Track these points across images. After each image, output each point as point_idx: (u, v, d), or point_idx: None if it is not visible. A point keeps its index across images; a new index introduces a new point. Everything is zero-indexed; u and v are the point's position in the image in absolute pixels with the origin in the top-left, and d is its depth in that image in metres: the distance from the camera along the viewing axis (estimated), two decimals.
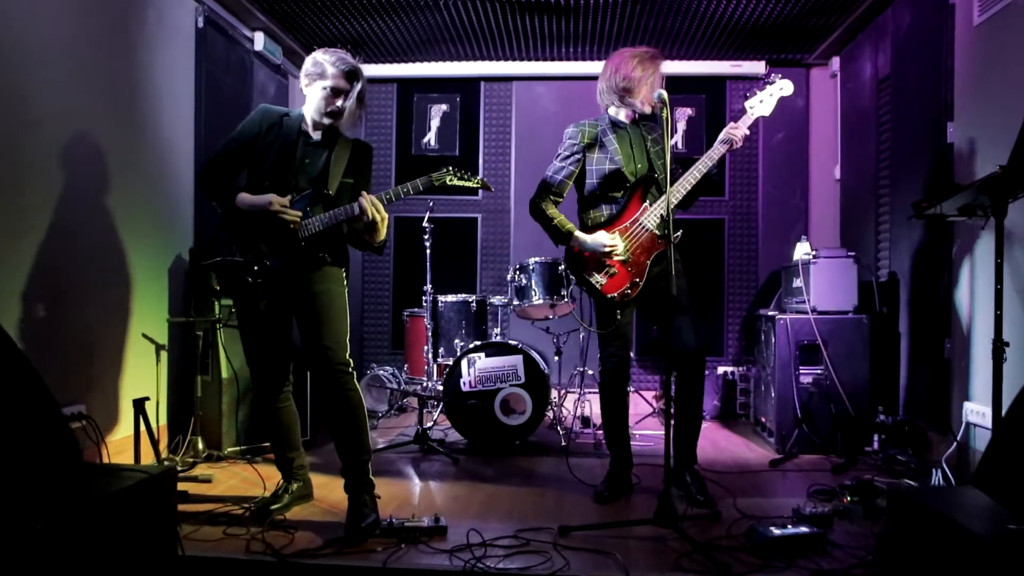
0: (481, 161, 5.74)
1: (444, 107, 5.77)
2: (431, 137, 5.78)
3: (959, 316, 3.49)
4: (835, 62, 5.21)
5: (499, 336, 4.32)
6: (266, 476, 3.24)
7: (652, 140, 3.20)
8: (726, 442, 4.33)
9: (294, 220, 2.69)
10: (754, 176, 5.59)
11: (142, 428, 3.19)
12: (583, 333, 4.70)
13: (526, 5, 4.56)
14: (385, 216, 2.71)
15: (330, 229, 2.74)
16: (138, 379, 3.60)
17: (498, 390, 3.99)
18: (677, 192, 2.98)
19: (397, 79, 5.74)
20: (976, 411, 3.26)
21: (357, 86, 2.75)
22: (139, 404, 3.19)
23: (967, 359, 3.40)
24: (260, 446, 3.77)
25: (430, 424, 4.19)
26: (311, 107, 2.79)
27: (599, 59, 5.49)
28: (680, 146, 5.56)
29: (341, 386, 2.73)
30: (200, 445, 3.72)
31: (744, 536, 2.60)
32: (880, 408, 3.93)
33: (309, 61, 2.76)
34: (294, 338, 2.93)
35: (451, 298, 4.58)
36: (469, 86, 5.75)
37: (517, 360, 4.01)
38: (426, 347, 4.57)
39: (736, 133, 3.05)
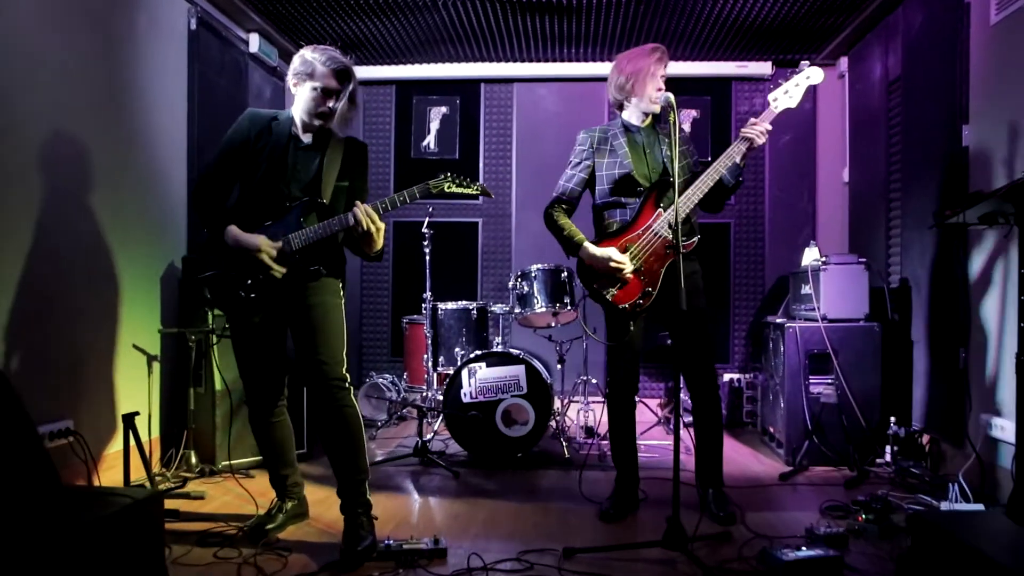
0: (481, 164, 5.63)
1: (444, 109, 5.67)
2: (430, 140, 5.67)
3: (976, 325, 3.38)
4: (843, 62, 5.09)
5: (500, 345, 4.22)
6: (261, 492, 3.14)
7: (669, 143, 3.04)
8: (734, 452, 4.22)
9: (278, 272, 2.58)
10: (760, 179, 5.48)
11: (132, 444, 3.09)
12: (586, 341, 4.60)
13: (527, 5, 4.45)
14: (381, 226, 2.60)
15: (324, 240, 2.63)
16: (129, 392, 3.50)
17: (499, 401, 3.89)
18: (689, 199, 2.85)
19: (396, 81, 5.64)
20: (999, 425, 3.15)
21: (349, 86, 2.61)
22: (129, 419, 3.09)
23: (986, 370, 3.28)
24: (255, 460, 3.66)
25: (430, 436, 4.08)
26: (300, 108, 2.65)
27: (602, 60, 5.40)
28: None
29: (337, 402, 2.63)
30: (193, 459, 3.61)
31: (756, 559, 2.50)
32: (892, 419, 3.82)
33: (297, 59, 2.62)
34: (289, 351, 2.82)
35: (451, 305, 4.48)
36: (469, 88, 5.65)
37: (519, 370, 3.91)
38: (426, 356, 4.46)
39: (755, 130, 2.88)
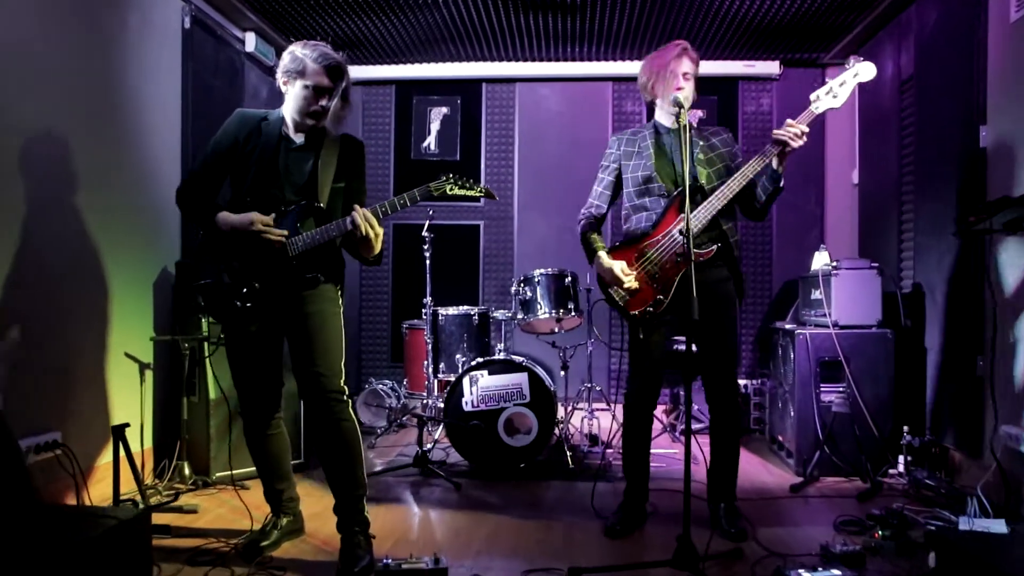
0: (483, 165, 5.53)
1: (444, 110, 5.56)
2: (431, 141, 5.56)
3: (995, 333, 3.26)
4: (853, 62, 4.97)
5: (502, 351, 4.11)
6: (256, 505, 3.03)
7: (702, 147, 2.89)
8: (742, 461, 3.99)
9: (279, 239, 2.47)
10: None
11: (122, 456, 2.99)
12: (591, 347, 4.50)
13: (530, 3, 4.35)
14: (380, 231, 2.50)
15: (322, 245, 2.53)
16: (121, 401, 3.39)
17: (502, 409, 3.78)
18: (710, 206, 2.72)
19: (395, 81, 5.54)
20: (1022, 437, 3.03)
21: (342, 83, 2.51)
22: (118, 431, 2.98)
23: (1014, 380, 3.16)
24: (250, 471, 3.55)
25: (430, 445, 3.98)
26: (291, 108, 2.55)
27: (606, 59, 5.29)
28: None
29: (335, 416, 2.52)
30: (187, 470, 3.51)
31: None
32: (905, 428, 3.71)
33: (287, 56, 2.51)
34: (286, 360, 2.71)
35: (452, 311, 4.38)
36: (470, 88, 5.54)
37: (522, 378, 3.80)
38: (426, 362, 4.36)
39: (789, 132, 2.66)
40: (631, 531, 2.91)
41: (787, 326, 4.14)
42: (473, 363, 3.88)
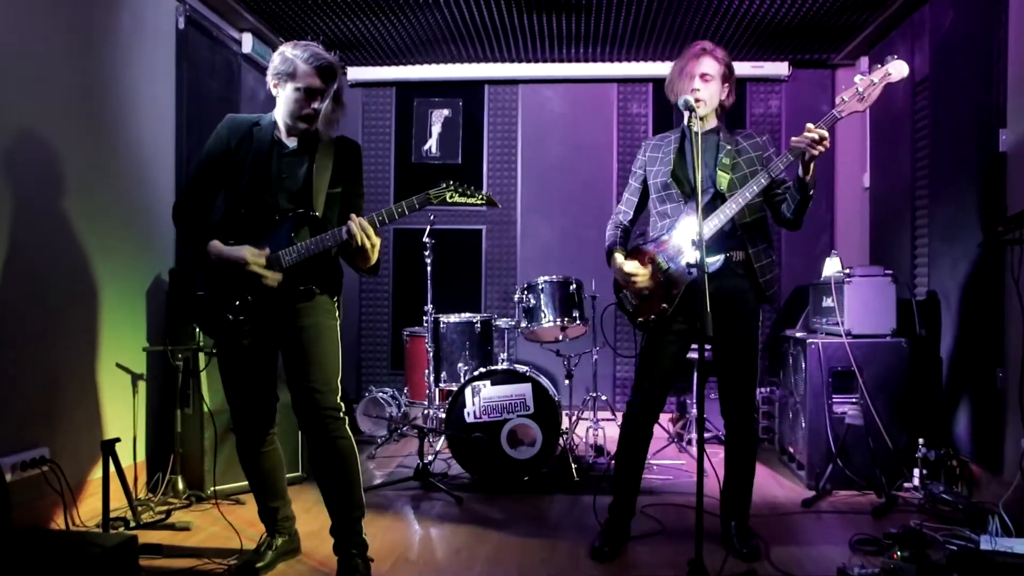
0: (485, 169, 5.42)
1: (446, 112, 5.45)
2: (432, 144, 5.46)
3: (1016, 343, 3.15)
4: (863, 62, 4.87)
5: (505, 359, 4.00)
6: (251, 521, 2.92)
7: (729, 151, 2.75)
8: None
9: (273, 283, 2.37)
10: None
11: (112, 471, 2.89)
12: (595, 355, 4.40)
13: (533, 3, 4.24)
14: (376, 241, 2.39)
15: (317, 255, 2.42)
16: (113, 413, 3.29)
17: (505, 421, 3.67)
18: (721, 213, 2.61)
19: (396, 82, 5.43)
20: None
21: (334, 85, 2.40)
22: (108, 446, 2.88)
23: None
24: (245, 485, 3.45)
25: (431, 457, 3.87)
26: (282, 111, 2.44)
27: (611, 60, 5.19)
28: None
29: (330, 434, 2.42)
30: (180, 485, 3.41)
31: None
32: (921, 440, 3.60)
33: (277, 58, 2.41)
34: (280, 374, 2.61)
35: (454, 319, 4.27)
36: (472, 89, 5.43)
37: (525, 389, 3.70)
38: (427, 370, 4.26)
39: (805, 140, 2.50)
40: (618, 551, 2.78)
41: (798, 334, 4.04)
42: (475, 373, 3.77)
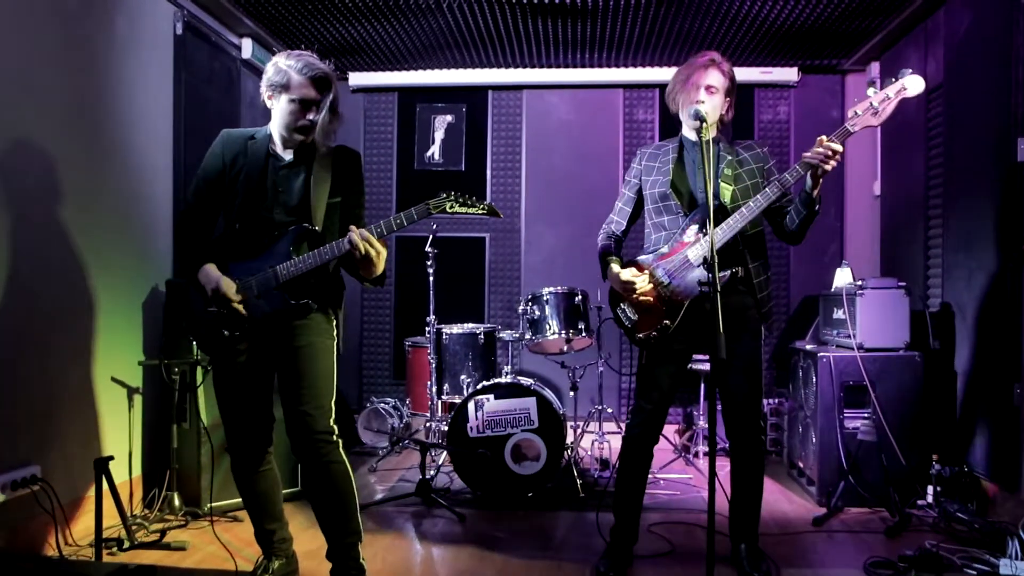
0: (489, 176, 5.34)
1: (449, 118, 5.37)
2: (435, 150, 5.38)
3: None
4: (874, 68, 4.78)
5: (509, 371, 3.92)
6: (249, 541, 2.84)
7: (730, 162, 2.66)
8: None
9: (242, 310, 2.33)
10: None
11: (105, 490, 2.81)
12: (601, 367, 4.31)
13: (537, 8, 4.16)
14: (382, 251, 2.31)
15: (315, 269, 2.35)
16: (108, 428, 3.22)
17: (509, 435, 3.59)
18: (730, 227, 2.52)
19: (398, 88, 5.34)
20: None
21: (329, 95, 2.33)
22: (101, 465, 2.80)
23: None
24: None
25: (433, 472, 3.79)
26: (277, 123, 2.37)
27: (616, 66, 5.11)
28: None
29: (323, 458, 2.35)
30: (176, 501, 3.33)
31: None
32: (934, 457, 3.51)
33: (271, 68, 2.33)
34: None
35: (456, 330, 4.19)
36: (476, 95, 5.35)
37: (529, 402, 3.61)
38: (429, 382, 4.18)
39: (817, 154, 2.40)
40: (623, 575, 2.71)
41: (808, 347, 3.95)
42: (479, 387, 3.69)
